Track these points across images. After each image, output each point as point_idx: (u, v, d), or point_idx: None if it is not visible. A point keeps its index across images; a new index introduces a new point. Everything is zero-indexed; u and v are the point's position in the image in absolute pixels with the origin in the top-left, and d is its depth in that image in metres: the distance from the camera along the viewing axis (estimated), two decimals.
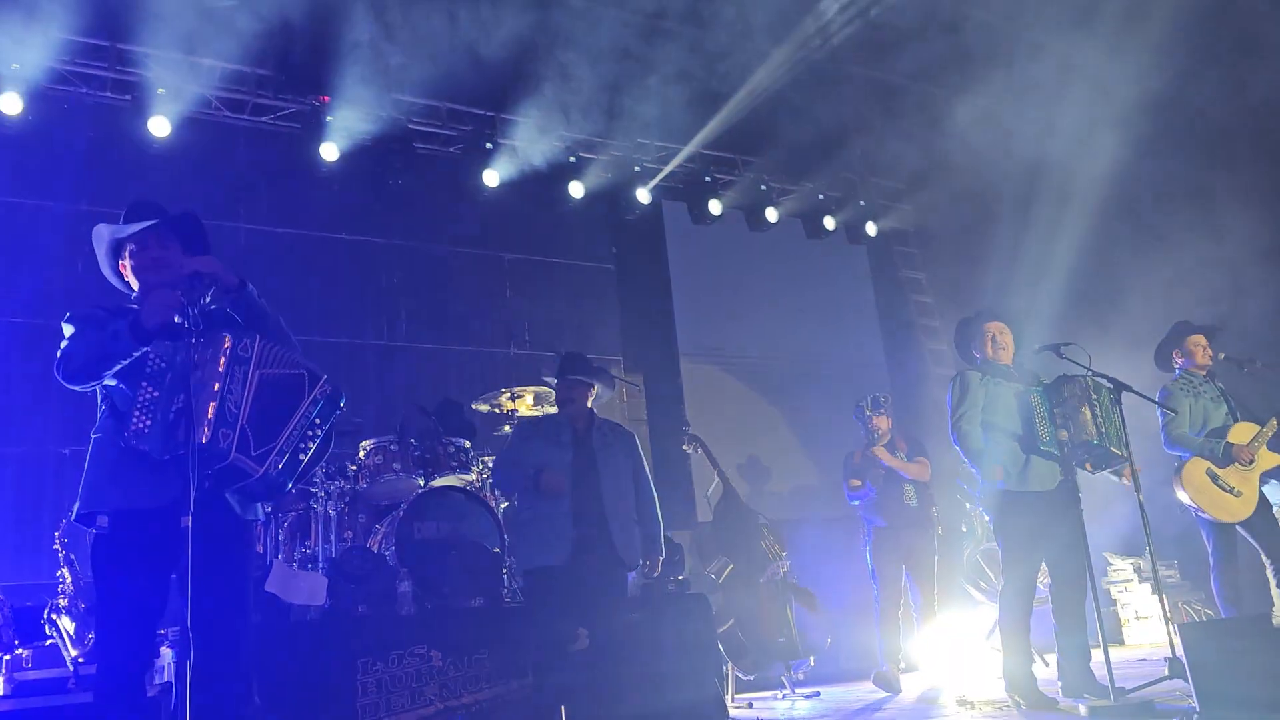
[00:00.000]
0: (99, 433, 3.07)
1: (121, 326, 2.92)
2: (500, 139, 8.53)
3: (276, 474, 3.00)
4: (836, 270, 10.49)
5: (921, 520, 6.63)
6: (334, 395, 3.13)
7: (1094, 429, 4.70)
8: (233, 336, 2.97)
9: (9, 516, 6.46)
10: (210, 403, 2.85)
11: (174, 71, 7.27)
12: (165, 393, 2.89)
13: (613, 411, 8.91)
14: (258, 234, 7.83)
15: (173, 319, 2.94)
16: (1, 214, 6.94)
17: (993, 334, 5.12)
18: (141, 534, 2.93)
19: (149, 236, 3.21)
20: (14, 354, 6.75)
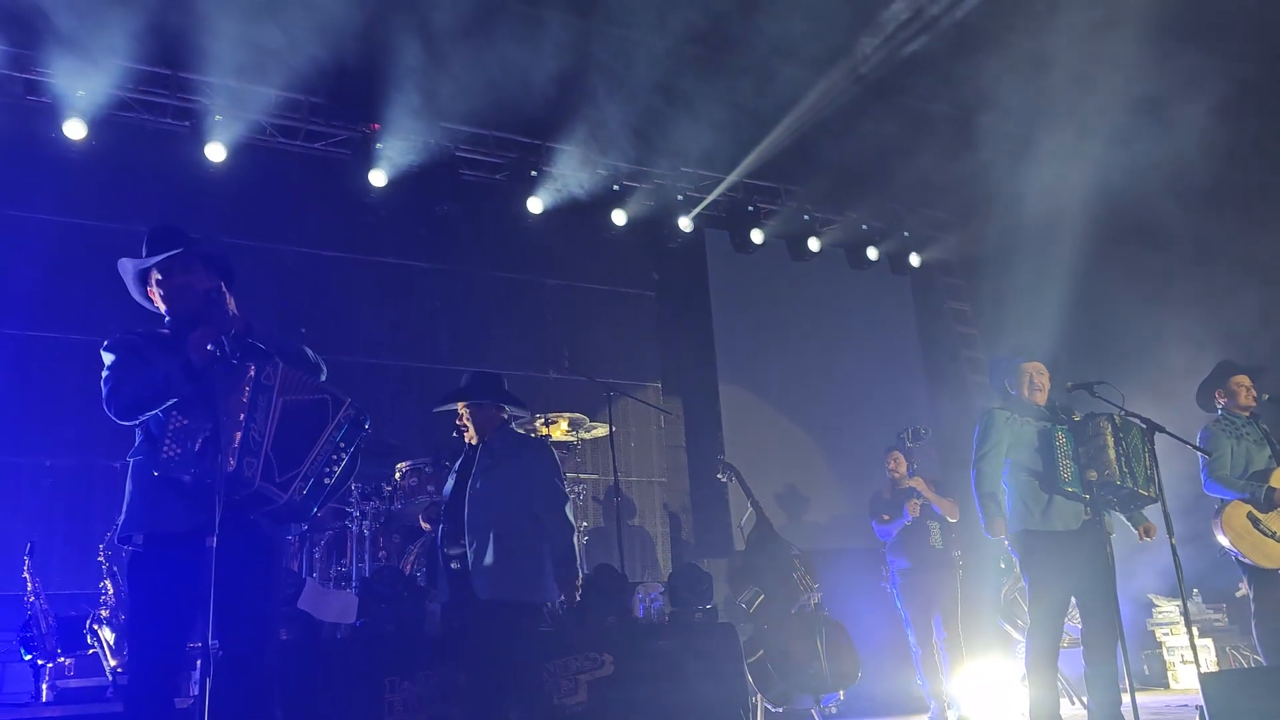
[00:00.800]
0: (136, 455, 3.19)
1: (174, 370, 3.02)
2: (545, 167, 8.67)
3: (301, 499, 3.07)
4: (879, 301, 10.45)
5: (946, 562, 6.62)
6: (357, 419, 3.20)
7: (1118, 469, 4.63)
8: (257, 365, 3.06)
9: (58, 527, 6.67)
10: (236, 431, 2.94)
11: (231, 99, 7.51)
12: (194, 421, 2.99)
13: (650, 438, 8.97)
14: (306, 256, 8.03)
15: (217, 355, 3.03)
16: (63, 235, 7.20)
17: (1030, 374, 5.05)
18: (172, 555, 3.02)
19: (173, 263, 3.29)
20: (69, 369, 6.97)
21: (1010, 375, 5.13)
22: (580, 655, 5.07)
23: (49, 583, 5.69)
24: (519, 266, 8.78)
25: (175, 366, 3.03)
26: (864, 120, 9.53)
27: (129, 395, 3.08)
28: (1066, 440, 4.79)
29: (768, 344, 9.66)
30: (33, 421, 6.86)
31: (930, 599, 6.62)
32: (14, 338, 6.96)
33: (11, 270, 7.02)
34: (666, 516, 8.92)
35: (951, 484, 9.81)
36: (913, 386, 10.39)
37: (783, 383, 9.60)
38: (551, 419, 6.37)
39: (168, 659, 3.10)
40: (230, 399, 2.99)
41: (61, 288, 7.12)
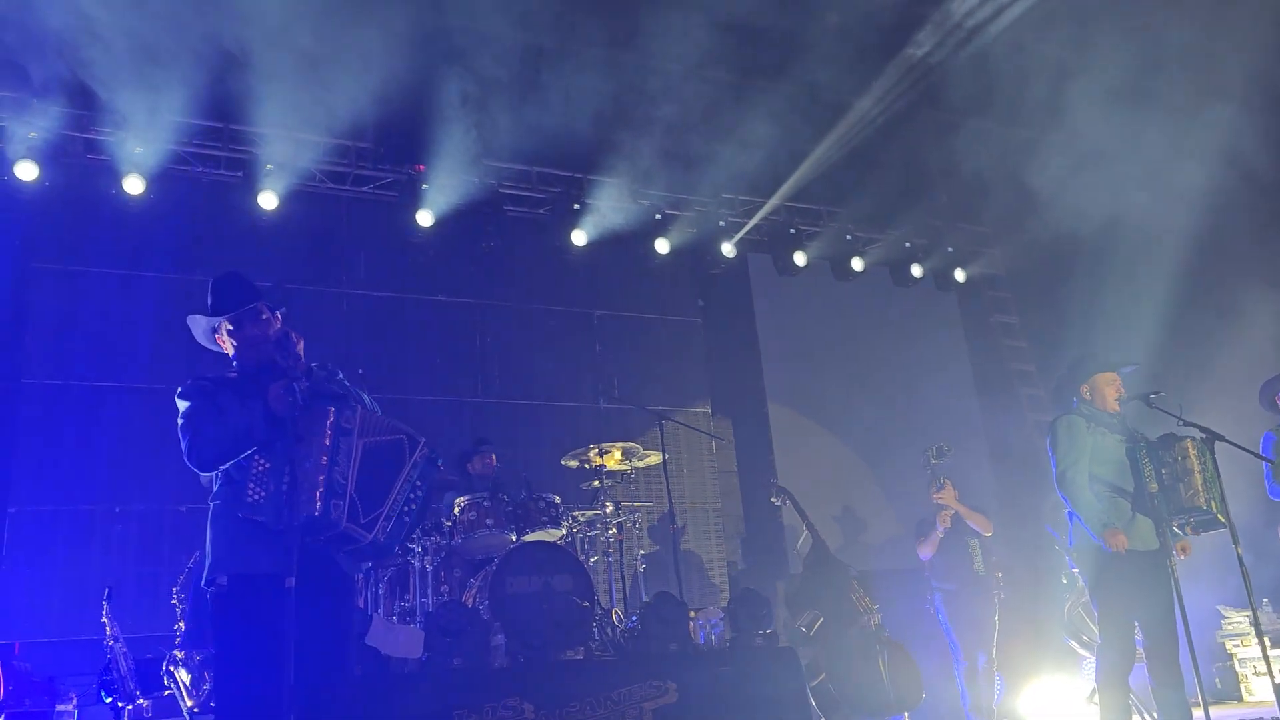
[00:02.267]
0: (217, 500, 3.29)
1: (256, 420, 3.12)
2: (587, 200, 8.79)
3: (385, 539, 3.17)
4: (925, 318, 10.41)
5: (988, 587, 6.68)
6: (431, 457, 3.29)
7: (1203, 494, 4.55)
8: (336, 409, 3.15)
9: (130, 571, 6.85)
10: (319, 475, 3.03)
11: (281, 148, 7.73)
12: (276, 464, 3.07)
13: (702, 464, 9.00)
14: (358, 298, 8.21)
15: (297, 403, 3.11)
16: (126, 288, 7.44)
17: (1109, 384, 4.98)
18: (257, 595, 3.09)
19: (244, 314, 3.43)
20: (136, 417, 7.17)
21: (1084, 384, 5.03)
22: (644, 683, 5.08)
23: (123, 626, 5.84)
24: (565, 299, 8.89)
25: (257, 417, 3.12)
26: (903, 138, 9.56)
27: (211, 446, 3.18)
28: (1150, 459, 4.69)
29: (815, 366, 9.65)
30: (101, 469, 7.06)
31: (972, 623, 6.75)
32: (81, 388, 7.18)
33: (78, 324, 7.26)
34: (721, 542, 8.92)
35: (1012, 498, 9.75)
36: (964, 403, 10.31)
37: (832, 404, 9.58)
38: (605, 449, 6.42)
39: (255, 697, 3.18)
40: (312, 442, 3.07)
41: (125, 339, 7.35)
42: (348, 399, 3.29)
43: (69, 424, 7.06)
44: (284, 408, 3.10)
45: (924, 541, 6.92)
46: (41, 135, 7.04)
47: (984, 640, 6.76)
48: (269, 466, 3.09)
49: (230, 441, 3.17)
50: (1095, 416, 4.95)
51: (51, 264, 7.26)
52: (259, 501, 3.05)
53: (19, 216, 7.11)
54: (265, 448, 3.12)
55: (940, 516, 6.81)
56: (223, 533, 3.23)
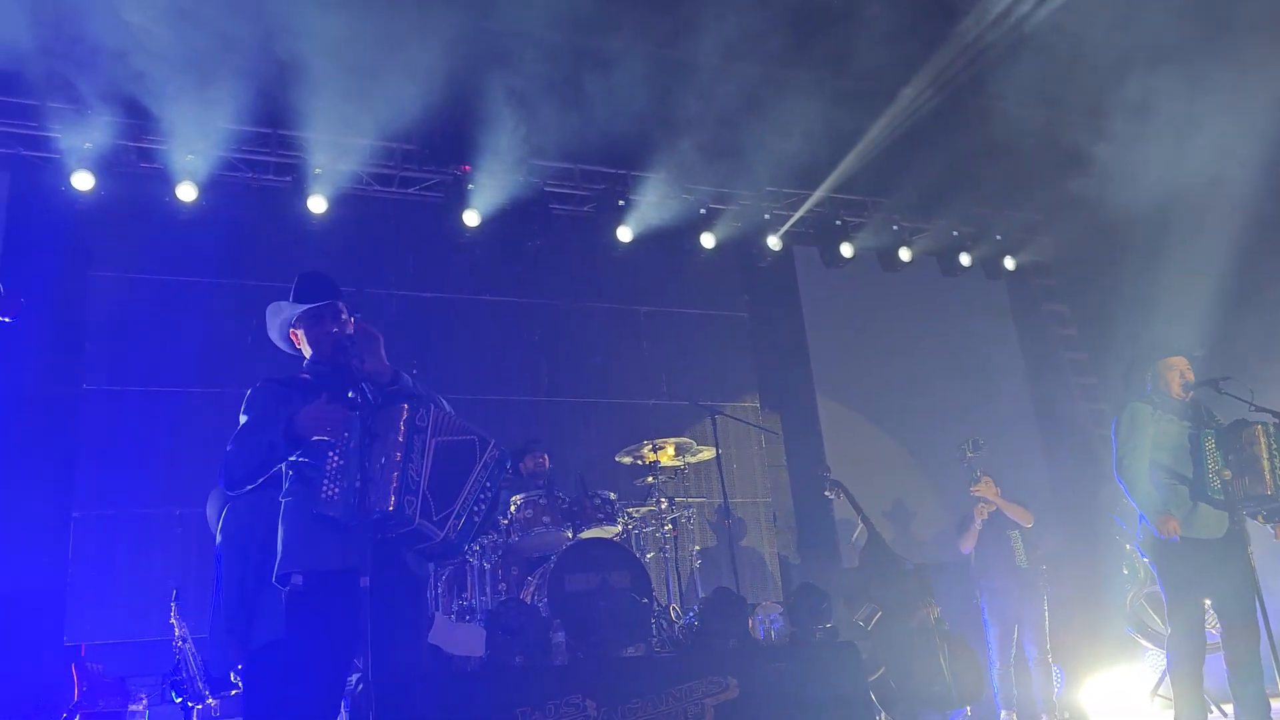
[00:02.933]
0: (288, 497, 3.31)
1: (277, 437, 3.09)
2: (632, 196, 8.77)
3: (455, 537, 3.17)
4: (975, 307, 10.28)
5: (1031, 581, 6.62)
6: (501, 459, 3.30)
7: (1272, 482, 4.44)
8: (410, 406, 3.15)
9: (192, 573, 6.93)
10: (394, 471, 3.02)
11: (329, 152, 7.79)
12: (350, 461, 3.07)
13: (751, 457, 8.96)
14: (407, 300, 8.26)
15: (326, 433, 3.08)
16: (180, 294, 7.55)
17: (1177, 369, 4.87)
18: (331, 593, 3.12)
19: (324, 311, 3.44)
20: (193, 421, 7.27)
21: (1152, 370, 4.94)
22: (704, 679, 5.07)
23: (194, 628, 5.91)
24: (612, 296, 8.89)
25: (278, 434, 3.09)
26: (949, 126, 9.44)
27: (240, 472, 3.19)
28: (1216, 446, 4.60)
29: (864, 357, 9.57)
30: (161, 473, 7.17)
31: (1016, 618, 6.71)
32: (139, 394, 7.29)
33: (135, 330, 7.38)
34: (773, 536, 8.87)
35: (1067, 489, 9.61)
36: (1016, 392, 10.18)
37: (882, 396, 9.50)
38: (659, 445, 6.41)
39: (325, 695, 3.21)
40: (386, 439, 3.07)
41: (181, 344, 7.45)
42: (424, 399, 3.30)
43: (128, 429, 7.18)
44: (313, 430, 3.07)
45: (964, 535, 6.91)
46: (96, 146, 7.15)
47: (1034, 635, 6.69)
48: (343, 463, 3.08)
49: (256, 464, 3.16)
50: (1162, 403, 4.87)
51: (109, 271, 7.39)
52: (332, 498, 3.06)
53: (77, 225, 7.24)
54: (340, 445, 3.11)
55: (977, 509, 6.82)
56: (295, 529, 3.24)
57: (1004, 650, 6.68)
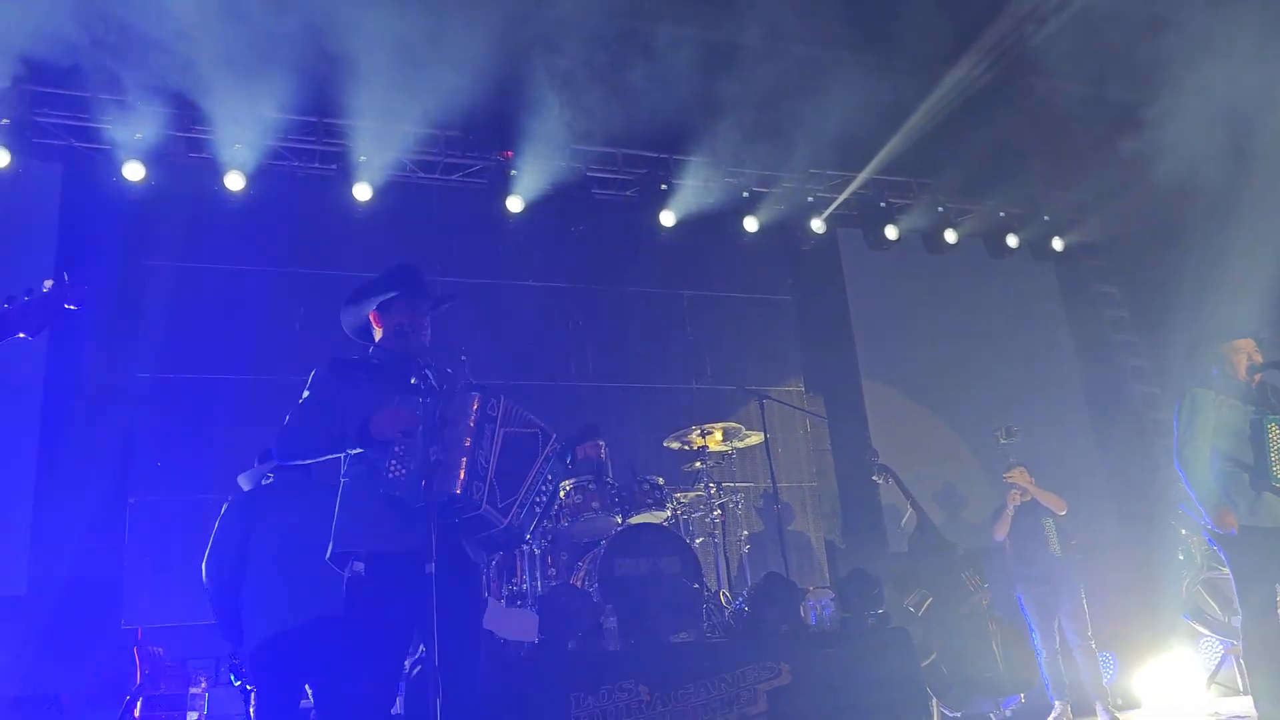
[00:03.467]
0: (347, 477, 3.34)
1: (350, 433, 3.19)
2: (674, 180, 8.72)
3: (518, 524, 3.22)
4: (1022, 289, 10.13)
5: (1066, 570, 6.53)
6: (562, 453, 3.39)
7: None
8: (481, 396, 3.21)
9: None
10: (462, 456, 3.08)
11: (373, 140, 7.82)
12: (419, 445, 3.11)
13: (796, 442, 8.90)
14: (451, 285, 8.26)
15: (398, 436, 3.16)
16: (227, 280, 7.62)
17: (1244, 352, 4.75)
18: (392, 576, 3.15)
19: (407, 302, 3.55)
20: (243, 408, 7.35)
21: (1216, 353, 4.83)
22: (757, 665, 5.05)
23: None
24: (655, 280, 8.85)
25: (353, 431, 3.17)
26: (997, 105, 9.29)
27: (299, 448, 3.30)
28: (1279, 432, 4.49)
29: (910, 341, 9.46)
30: (214, 459, 7.25)
31: (1055, 607, 6.67)
32: (192, 381, 7.38)
33: (187, 318, 7.47)
34: (819, 521, 8.83)
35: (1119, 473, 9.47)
36: (1065, 376, 10.03)
37: (928, 379, 9.39)
38: (707, 430, 6.39)
39: (384, 678, 3.23)
40: (458, 424, 3.13)
41: (232, 332, 7.52)
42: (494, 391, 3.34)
43: (181, 416, 7.27)
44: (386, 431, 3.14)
45: (997, 523, 6.89)
46: (146, 137, 7.23)
47: (1074, 624, 6.64)
48: (411, 445, 3.12)
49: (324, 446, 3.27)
50: (1227, 387, 4.76)
51: (161, 260, 7.47)
52: (399, 478, 3.09)
53: (129, 216, 7.31)
54: None
55: (1010, 496, 6.81)
56: (354, 509, 3.27)
57: (1047, 639, 6.62)
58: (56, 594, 6.58)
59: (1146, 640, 7.50)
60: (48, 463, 6.83)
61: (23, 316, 3.05)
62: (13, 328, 3.02)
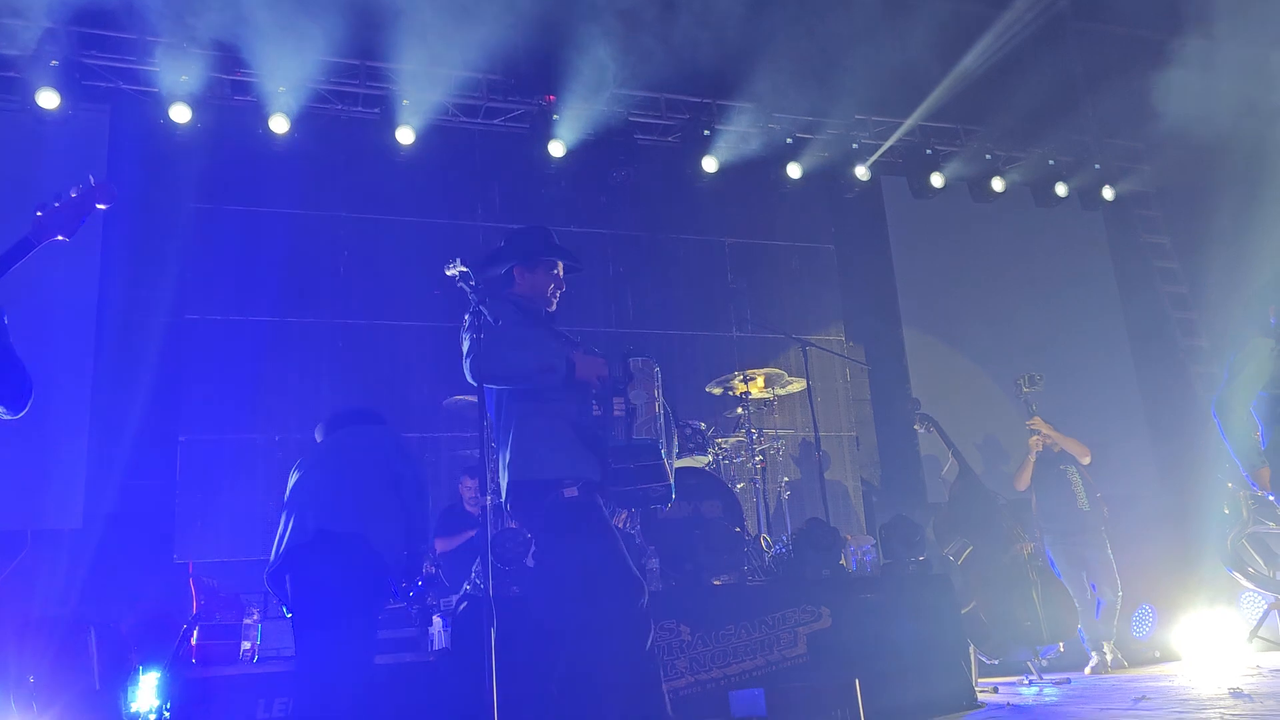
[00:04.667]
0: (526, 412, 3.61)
1: (561, 368, 3.56)
2: (717, 125, 8.63)
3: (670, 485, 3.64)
4: (1070, 239, 9.97)
5: (1095, 524, 6.55)
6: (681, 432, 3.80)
7: None
8: (659, 369, 3.72)
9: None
10: (654, 405, 3.57)
11: (416, 84, 7.79)
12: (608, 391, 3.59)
13: (835, 390, 8.88)
14: (493, 230, 8.27)
15: (598, 381, 3.61)
16: (272, 223, 7.67)
17: None
18: (598, 501, 3.57)
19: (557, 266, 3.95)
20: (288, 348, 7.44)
21: (1275, 303, 4.75)
22: (798, 608, 5.09)
23: None
24: (697, 227, 8.80)
25: (562, 368, 3.56)
26: (1045, 50, 9.07)
27: (502, 372, 3.57)
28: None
29: (953, 290, 9.36)
30: (261, 399, 7.37)
31: (1082, 563, 6.75)
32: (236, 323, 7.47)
33: (230, 261, 7.54)
34: (857, 470, 8.83)
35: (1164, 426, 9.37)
36: (1111, 326, 9.89)
37: (971, 329, 9.30)
38: (750, 376, 6.38)
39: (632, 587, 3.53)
40: (646, 384, 3.61)
41: (275, 274, 7.58)
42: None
43: (228, 357, 7.36)
44: (592, 376, 3.57)
45: (1019, 470, 6.95)
46: (192, 79, 7.25)
47: (1104, 578, 6.72)
48: (603, 389, 3.56)
49: (529, 374, 3.58)
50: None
51: (206, 203, 7.52)
52: (599, 417, 3.50)
53: (175, 158, 7.37)
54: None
55: (1031, 441, 6.91)
56: (558, 441, 3.55)
57: (1079, 592, 6.67)
58: (111, 528, 6.75)
59: (1187, 593, 7.46)
60: (101, 402, 6.97)
61: (56, 219, 3.17)
62: (49, 230, 3.15)
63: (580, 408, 3.62)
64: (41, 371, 6.84)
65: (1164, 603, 7.41)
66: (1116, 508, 8.72)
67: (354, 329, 7.67)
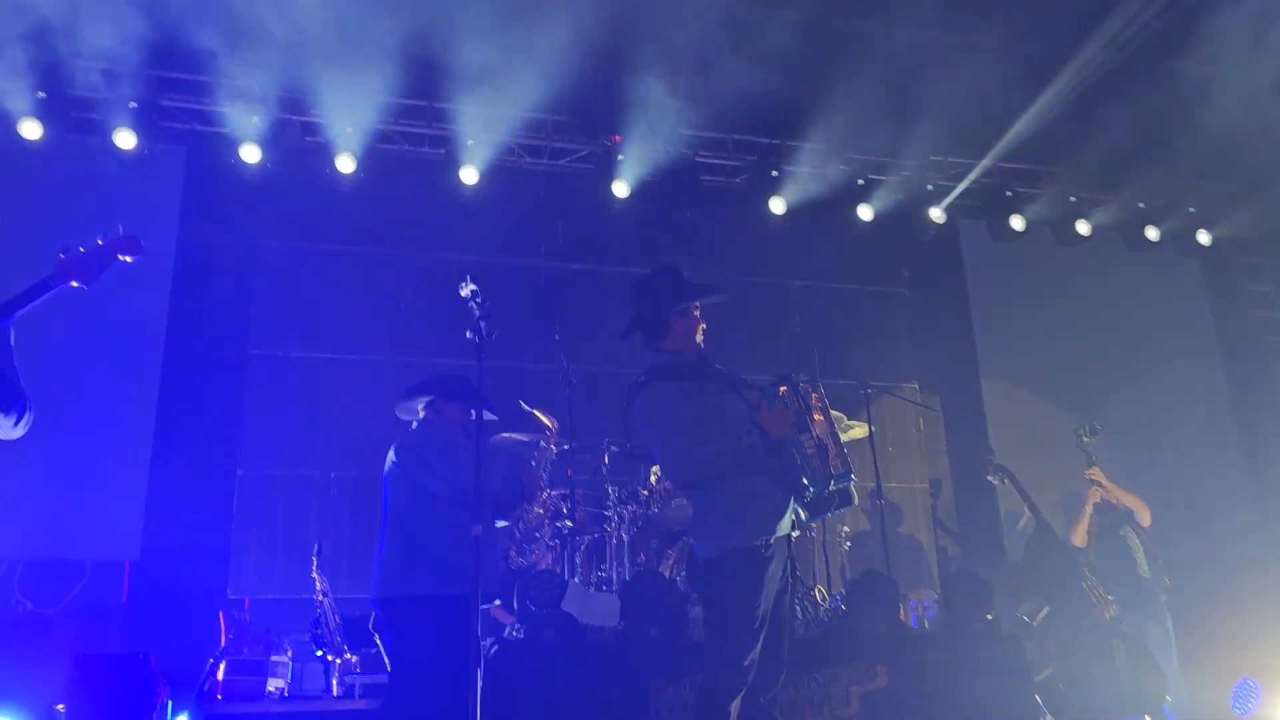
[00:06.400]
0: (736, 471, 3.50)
1: (755, 441, 3.45)
2: (786, 166, 8.45)
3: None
4: (1163, 286, 9.43)
5: (1154, 594, 6.03)
6: None
7: None
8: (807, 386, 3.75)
9: (345, 534, 7.12)
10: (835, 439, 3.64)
11: (480, 124, 7.81)
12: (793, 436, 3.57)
13: (908, 440, 8.51)
14: (556, 270, 8.25)
15: (786, 432, 3.52)
16: (337, 262, 7.76)
17: None
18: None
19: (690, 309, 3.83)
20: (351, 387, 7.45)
21: None
22: (851, 665, 4.77)
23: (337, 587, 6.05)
24: (764, 269, 8.60)
25: (755, 439, 3.45)
26: (1133, 88, 8.67)
27: (710, 470, 3.50)
28: None
29: (1036, 337, 8.91)
30: (320, 436, 7.38)
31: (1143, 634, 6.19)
32: (298, 360, 7.53)
33: (298, 298, 7.63)
34: (931, 524, 8.40)
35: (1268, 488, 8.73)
36: (1209, 379, 9.29)
37: (1055, 379, 8.82)
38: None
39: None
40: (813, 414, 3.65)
41: (341, 312, 7.65)
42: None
43: (289, 393, 7.42)
44: (779, 429, 3.48)
45: (1075, 523, 6.61)
46: (262, 121, 7.40)
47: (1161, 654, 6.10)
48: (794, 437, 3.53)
49: (730, 461, 3.47)
50: None
51: (274, 241, 7.65)
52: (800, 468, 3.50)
53: (246, 197, 7.51)
54: None
55: (1090, 491, 6.55)
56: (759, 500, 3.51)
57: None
58: (168, 561, 6.79)
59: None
60: (163, 434, 7.06)
61: (75, 266, 3.12)
62: (65, 276, 3.10)
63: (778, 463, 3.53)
64: (107, 402, 7.01)
65: (1269, 676, 6.80)
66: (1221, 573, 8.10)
67: (414, 367, 7.62)
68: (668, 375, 3.61)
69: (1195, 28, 8.30)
